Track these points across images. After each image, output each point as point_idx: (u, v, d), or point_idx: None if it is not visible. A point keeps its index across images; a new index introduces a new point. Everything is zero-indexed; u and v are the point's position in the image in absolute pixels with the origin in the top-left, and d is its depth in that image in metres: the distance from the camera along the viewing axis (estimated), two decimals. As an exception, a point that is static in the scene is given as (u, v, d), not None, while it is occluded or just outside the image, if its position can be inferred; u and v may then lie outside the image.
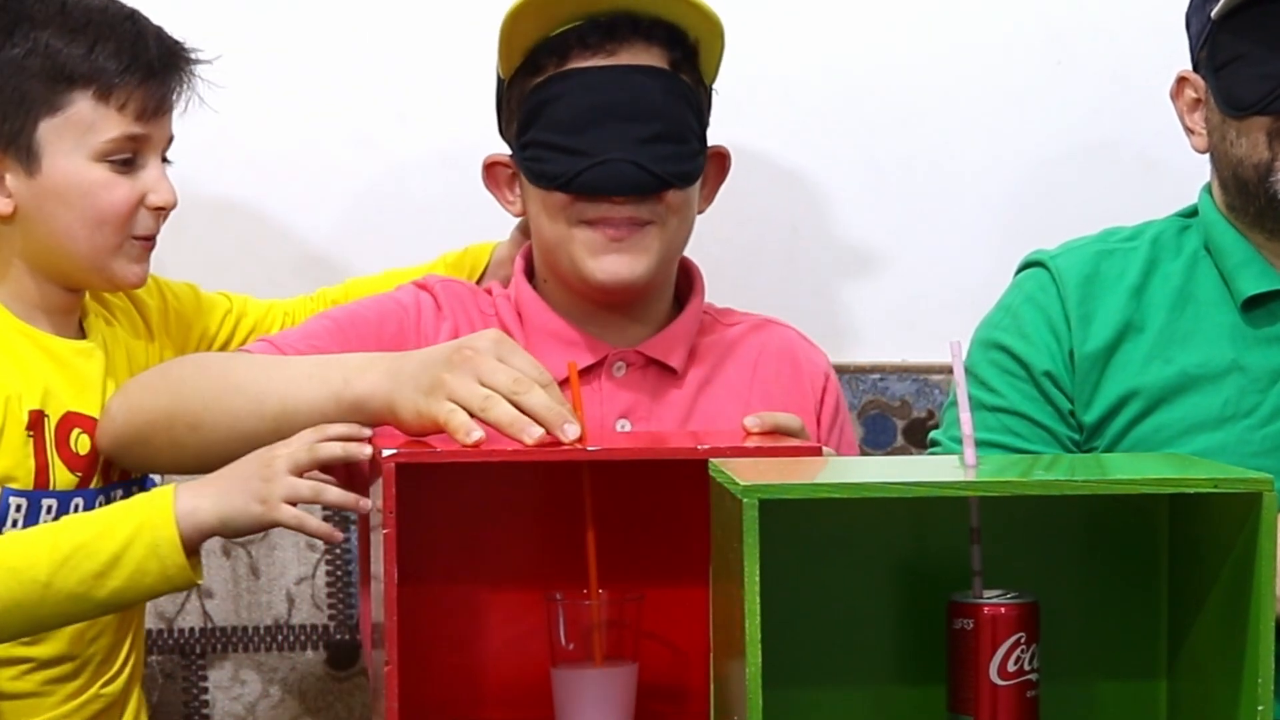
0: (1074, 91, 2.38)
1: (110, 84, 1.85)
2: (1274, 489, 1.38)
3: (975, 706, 1.45)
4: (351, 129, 2.37)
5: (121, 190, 1.87)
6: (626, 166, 1.89)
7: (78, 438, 1.88)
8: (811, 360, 2.06)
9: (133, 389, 1.87)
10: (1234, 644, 1.42)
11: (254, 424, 1.77)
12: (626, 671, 1.67)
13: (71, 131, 1.85)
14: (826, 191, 2.39)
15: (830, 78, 2.38)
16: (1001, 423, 1.99)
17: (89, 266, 1.89)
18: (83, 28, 1.85)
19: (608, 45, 1.91)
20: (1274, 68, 1.89)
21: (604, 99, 1.89)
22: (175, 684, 2.36)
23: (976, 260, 2.35)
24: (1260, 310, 1.97)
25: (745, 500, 1.35)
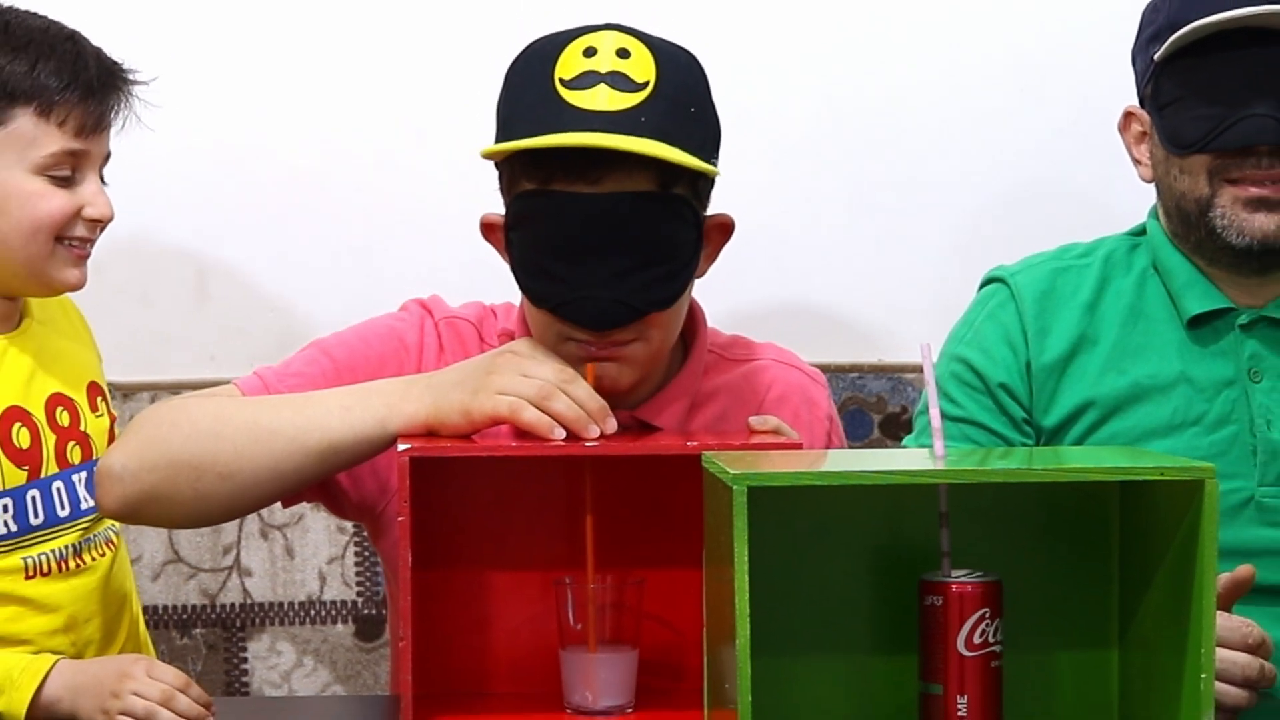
0: (1036, 118, 2.38)
1: (51, 101, 1.82)
2: (1215, 477, 1.38)
3: (944, 675, 1.45)
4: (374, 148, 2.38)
5: (58, 201, 1.83)
6: (604, 303, 1.70)
7: (18, 432, 1.85)
8: (814, 405, 1.94)
9: (134, 448, 1.73)
10: (1179, 618, 1.43)
11: (297, 463, 1.70)
12: (628, 650, 1.67)
13: (13, 145, 1.82)
14: (812, 208, 2.39)
15: (817, 106, 2.38)
16: (961, 431, 1.99)
17: (24, 272, 1.85)
18: (24, 46, 1.83)
19: (591, 173, 1.68)
20: (1212, 110, 1.89)
21: (585, 232, 1.69)
22: (218, 654, 2.37)
23: (945, 271, 2.35)
24: (1205, 328, 1.97)
25: (735, 488, 1.36)
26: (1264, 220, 1.90)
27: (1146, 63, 1.96)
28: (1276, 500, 1.93)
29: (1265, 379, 1.95)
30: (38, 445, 1.86)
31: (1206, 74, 1.90)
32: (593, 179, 1.69)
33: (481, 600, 1.74)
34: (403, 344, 1.85)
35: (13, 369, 1.87)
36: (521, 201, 1.73)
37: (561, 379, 1.63)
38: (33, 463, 1.86)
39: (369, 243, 2.38)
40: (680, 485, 1.65)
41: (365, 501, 1.84)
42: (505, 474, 1.73)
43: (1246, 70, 1.88)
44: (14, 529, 1.84)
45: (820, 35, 2.38)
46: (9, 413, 1.84)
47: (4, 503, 1.83)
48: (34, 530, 1.85)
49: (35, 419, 1.87)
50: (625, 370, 1.76)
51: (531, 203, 1.72)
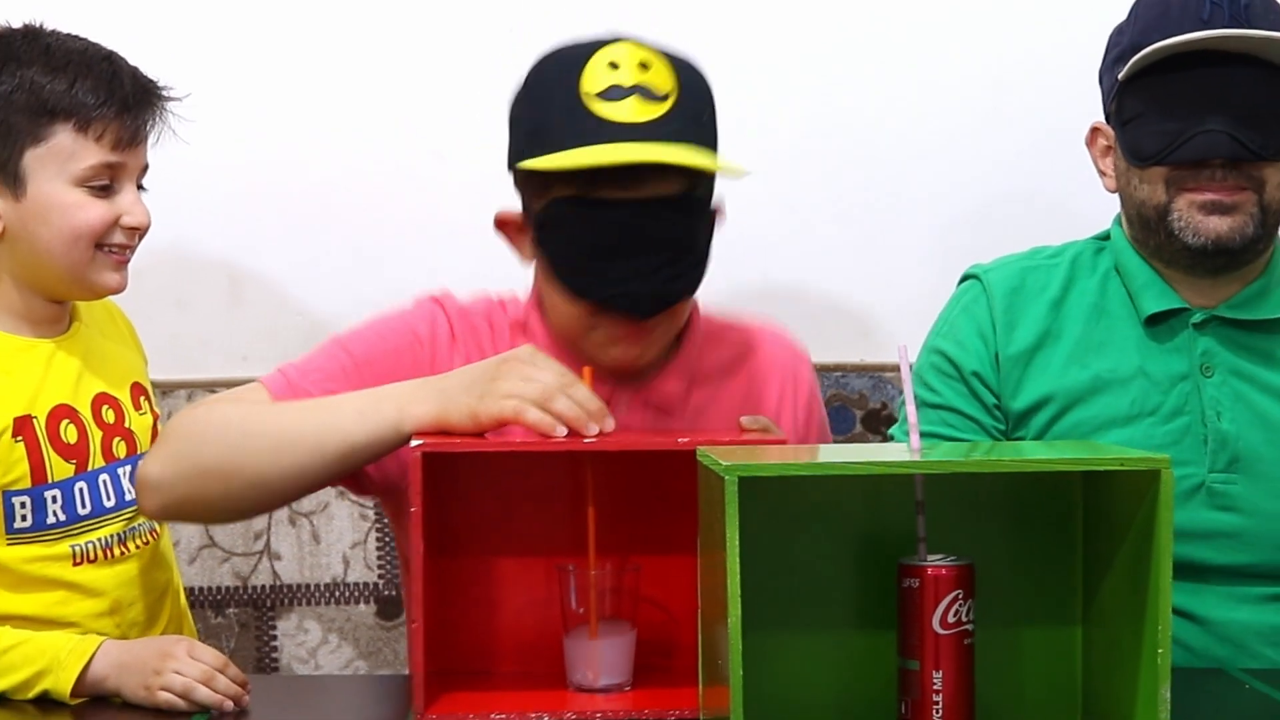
0: (1007, 135, 2.38)
1: (89, 117, 1.80)
2: (1171, 467, 1.38)
3: (921, 652, 1.45)
4: (394, 165, 2.37)
5: (96, 210, 1.82)
6: (643, 296, 1.75)
7: (66, 428, 1.84)
8: (799, 377, 1.97)
9: (169, 457, 1.74)
10: (1138, 597, 1.43)
11: (318, 466, 1.71)
12: (626, 631, 1.67)
13: (54, 159, 1.80)
14: (799, 218, 2.39)
15: (805, 122, 2.38)
16: (940, 416, 1.99)
17: (69, 278, 1.84)
18: (64, 66, 1.81)
19: (631, 183, 1.72)
20: (1170, 125, 1.89)
21: (625, 232, 1.73)
22: (249, 632, 2.37)
23: (923, 277, 2.34)
24: (1161, 326, 1.97)
25: (727, 477, 1.36)
26: (1217, 223, 1.90)
27: (1111, 82, 1.96)
28: (1225, 486, 1.93)
29: (1216, 374, 1.95)
30: (84, 441, 1.85)
31: (1165, 92, 1.90)
32: (634, 187, 1.73)
33: (489, 585, 1.74)
34: (416, 337, 1.85)
35: (61, 370, 1.86)
36: (558, 206, 1.76)
37: (562, 383, 1.63)
38: (80, 457, 1.85)
39: (389, 251, 2.38)
40: (673, 478, 1.66)
41: (388, 481, 1.84)
42: (511, 468, 1.73)
43: (1202, 89, 1.88)
44: (62, 518, 1.83)
45: (810, 58, 2.38)
46: (57, 410, 1.84)
47: (53, 494, 1.82)
48: (81, 520, 1.85)
49: (82, 416, 1.86)
50: (649, 349, 1.83)
51: (569, 207, 1.75)
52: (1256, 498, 1.93)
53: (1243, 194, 1.91)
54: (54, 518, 1.83)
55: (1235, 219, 1.91)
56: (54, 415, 1.83)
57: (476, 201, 2.33)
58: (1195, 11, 1.89)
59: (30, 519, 1.81)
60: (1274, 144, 1.89)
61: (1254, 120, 1.88)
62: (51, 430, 1.83)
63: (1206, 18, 1.88)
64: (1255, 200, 1.91)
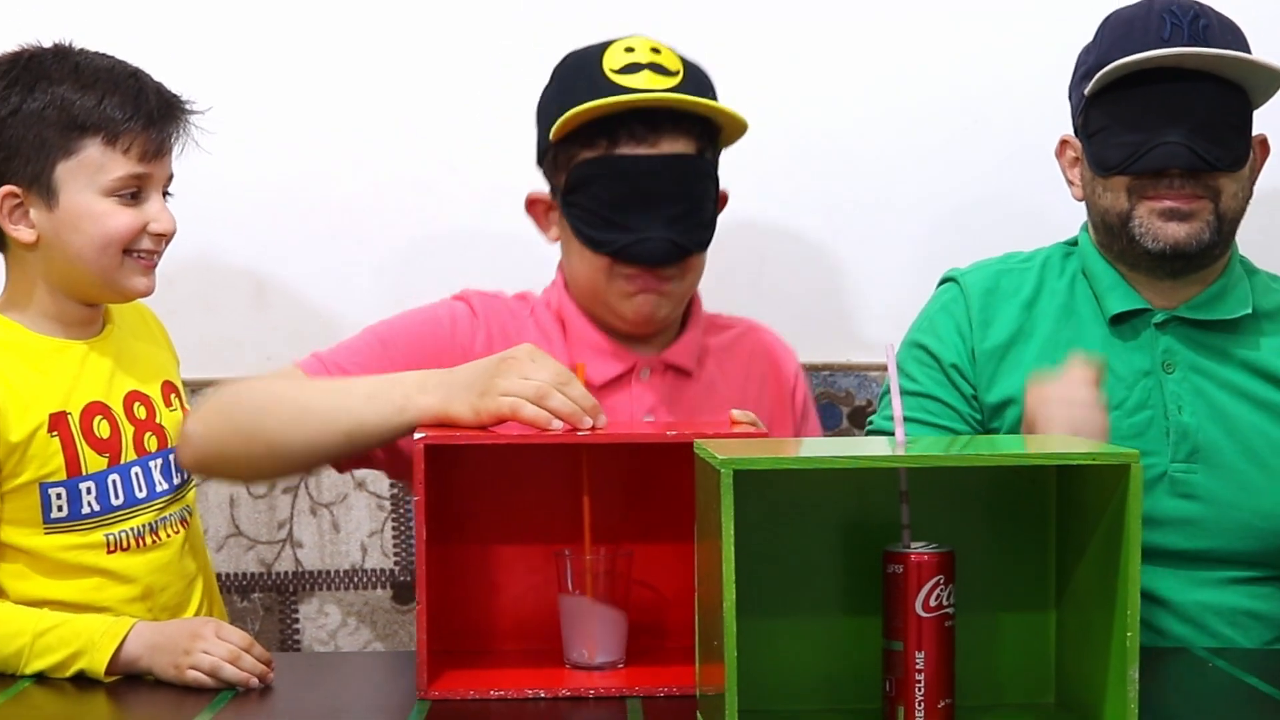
0: (983, 147, 2.38)
1: (117, 131, 1.79)
2: (1140, 461, 1.38)
3: (904, 634, 1.45)
4: (411, 178, 2.37)
5: (125, 218, 1.81)
6: (661, 243, 1.82)
7: (99, 424, 1.83)
8: (787, 363, 2.05)
9: (207, 415, 1.80)
10: (1108, 584, 1.42)
11: (328, 440, 1.74)
12: (619, 613, 1.67)
13: (84, 171, 1.79)
14: (788, 226, 2.39)
15: (795, 137, 2.38)
16: (920, 404, 1.99)
17: (100, 282, 1.83)
18: (93, 83, 1.80)
19: (650, 138, 1.82)
20: (1132, 138, 1.90)
21: (644, 185, 1.82)
22: (273, 615, 2.36)
23: (904, 283, 2.34)
24: (1125, 325, 1.98)
25: (723, 470, 1.36)
26: (1175, 229, 1.91)
27: (1079, 97, 1.97)
28: (1186, 475, 1.93)
29: (1177, 370, 1.96)
30: (117, 436, 1.85)
31: (1128, 107, 1.90)
32: (650, 142, 1.82)
33: (490, 569, 1.74)
34: (438, 322, 1.91)
35: (95, 370, 1.86)
36: (583, 168, 1.84)
37: (558, 380, 1.64)
38: (112, 451, 1.84)
39: (404, 257, 2.38)
40: (663, 469, 1.67)
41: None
42: (511, 459, 1.73)
43: (1162, 104, 1.89)
44: (96, 509, 1.83)
45: (803, 76, 2.38)
46: (90, 407, 1.83)
47: (87, 485, 1.82)
48: (115, 510, 1.84)
49: (115, 413, 1.86)
50: (665, 303, 1.88)
51: (594, 167, 1.83)
52: (1215, 487, 1.93)
53: (1200, 202, 1.91)
54: (88, 508, 1.82)
55: (1193, 225, 1.91)
56: (87, 411, 1.83)
57: (485, 210, 2.34)
58: (1156, 31, 1.89)
59: (66, 509, 1.81)
60: (1229, 156, 1.90)
61: (1210, 133, 1.88)
62: (85, 426, 1.82)
63: (1167, 37, 1.89)
64: (1211, 208, 1.91)
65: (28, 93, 1.79)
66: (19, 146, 1.79)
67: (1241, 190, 1.94)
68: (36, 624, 1.70)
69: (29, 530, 1.80)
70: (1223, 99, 1.89)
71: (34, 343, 1.83)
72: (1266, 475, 1.94)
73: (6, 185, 1.80)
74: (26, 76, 1.80)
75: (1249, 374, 1.97)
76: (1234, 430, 1.95)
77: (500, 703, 1.59)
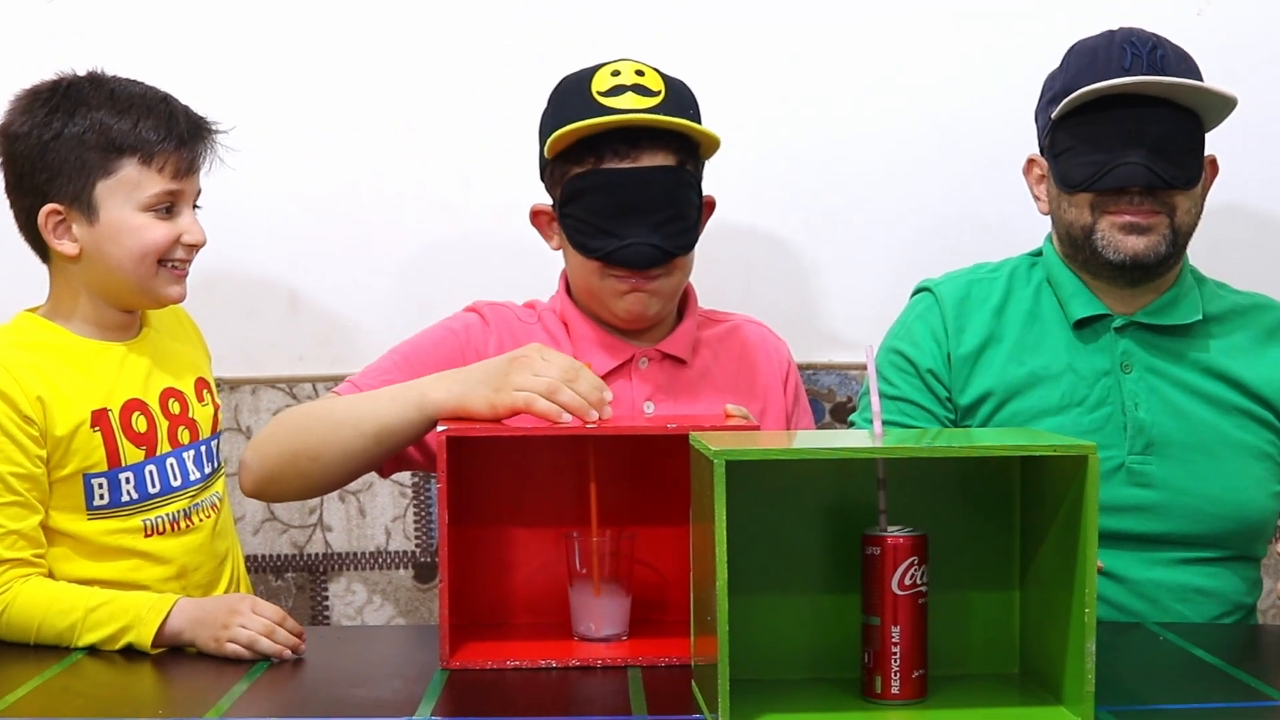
0: (953, 166, 2.38)
1: (152, 151, 1.80)
2: (1097, 453, 1.38)
3: (881, 610, 1.45)
4: (431, 194, 2.37)
5: (160, 231, 1.81)
6: (645, 248, 1.84)
7: (137, 419, 1.84)
8: (779, 352, 2.05)
9: (258, 444, 1.83)
10: (1068, 564, 1.42)
11: (360, 445, 1.75)
12: (622, 590, 1.67)
13: (122, 189, 1.80)
14: (775, 237, 2.39)
15: (781, 157, 2.37)
16: (898, 408, 1.99)
17: (137, 290, 1.83)
18: (128, 108, 1.80)
19: (631, 153, 1.84)
20: (1095, 158, 1.90)
21: (627, 195, 1.84)
22: (305, 593, 2.36)
23: (881, 289, 2.34)
24: (1087, 329, 1.98)
25: (716, 461, 1.36)
26: (1134, 241, 1.91)
27: (1046, 120, 1.97)
28: (1142, 466, 1.93)
29: (1134, 370, 1.95)
30: (153, 430, 1.85)
31: (1092, 129, 1.90)
32: (632, 157, 1.84)
33: (506, 550, 1.74)
34: (452, 332, 1.93)
35: (133, 369, 1.86)
36: (575, 181, 1.86)
37: (566, 376, 1.65)
38: (149, 444, 1.84)
39: (424, 267, 2.37)
40: (663, 459, 1.67)
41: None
42: (525, 449, 1.73)
43: (1123, 127, 1.89)
44: (135, 496, 1.83)
45: (788, 100, 2.37)
46: (129, 404, 1.83)
47: (126, 475, 1.82)
48: (152, 498, 1.84)
49: (151, 409, 1.86)
50: (654, 301, 1.89)
51: (584, 180, 1.85)
52: (1168, 476, 1.93)
53: (1157, 217, 1.91)
54: (128, 496, 1.82)
55: (1150, 238, 1.91)
56: (126, 408, 1.83)
57: (499, 224, 2.34)
58: (1118, 61, 1.89)
59: (107, 497, 1.81)
60: (1184, 175, 1.90)
61: (1167, 154, 1.88)
62: (124, 421, 1.82)
63: (1128, 66, 1.89)
64: (1168, 223, 1.91)
65: (68, 118, 1.79)
66: (61, 168, 1.79)
67: (1194, 206, 1.94)
68: (87, 600, 1.71)
69: (74, 516, 1.80)
70: (1178, 123, 1.89)
71: (77, 345, 1.83)
72: (1216, 465, 1.94)
73: (50, 204, 1.80)
74: (66, 103, 1.80)
75: (1200, 374, 1.97)
76: (1186, 425, 1.95)
77: (515, 672, 1.60)
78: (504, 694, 1.54)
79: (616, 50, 1.98)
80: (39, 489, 1.77)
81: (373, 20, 2.35)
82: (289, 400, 2.34)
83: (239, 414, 2.34)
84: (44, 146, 1.79)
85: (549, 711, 1.47)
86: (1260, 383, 1.97)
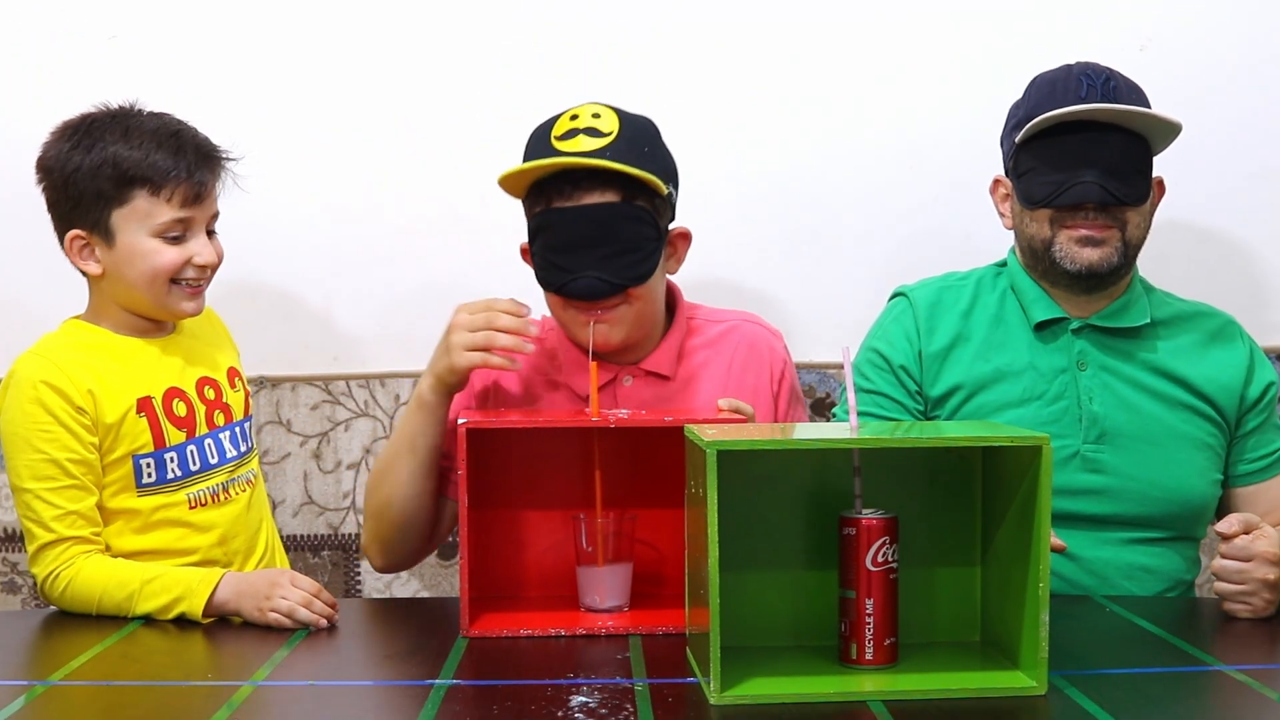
0: (923, 186, 2.37)
1: (161, 182, 1.79)
2: (1050, 444, 1.39)
3: (856, 585, 1.46)
4: (452, 211, 2.37)
5: (170, 255, 1.81)
6: (594, 281, 1.78)
7: (177, 405, 1.85)
8: (773, 351, 1.99)
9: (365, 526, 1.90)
10: (1024, 544, 1.43)
11: (406, 468, 1.83)
12: (625, 566, 1.68)
13: (135, 217, 1.79)
14: (760, 249, 2.38)
15: (765, 177, 2.37)
16: (874, 400, 1.99)
17: (154, 305, 1.84)
18: (139, 143, 1.79)
19: (574, 194, 1.79)
20: (1054, 178, 1.90)
21: (574, 233, 1.78)
22: (339, 569, 2.36)
23: (857, 295, 2.33)
24: (1046, 331, 1.98)
25: (708, 450, 1.37)
26: (1090, 253, 1.91)
27: (1010, 144, 1.98)
28: (1095, 454, 1.94)
29: (1089, 368, 1.96)
30: (192, 414, 1.86)
31: (1051, 152, 1.91)
32: (575, 196, 1.79)
33: (519, 530, 1.75)
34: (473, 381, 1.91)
35: (170, 362, 1.87)
36: (534, 220, 1.83)
37: (488, 311, 1.76)
38: (189, 427, 1.86)
39: (446, 276, 2.36)
40: (661, 449, 1.67)
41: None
42: (537, 440, 1.73)
43: (1079, 150, 1.89)
44: (179, 474, 1.85)
45: (769, 126, 2.37)
46: (170, 391, 1.85)
47: (170, 455, 1.84)
48: (193, 474, 1.86)
49: (189, 395, 1.87)
50: (614, 330, 1.84)
51: (540, 219, 1.82)
52: (1119, 463, 1.94)
53: (1109, 231, 1.91)
54: (172, 474, 1.84)
55: (1103, 250, 1.91)
56: (167, 395, 1.84)
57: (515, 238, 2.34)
58: (1075, 90, 1.90)
59: (154, 475, 1.83)
60: (1134, 193, 1.90)
61: (1119, 174, 1.89)
62: (166, 406, 1.84)
63: (1084, 95, 1.90)
64: (1120, 236, 1.92)
65: (86, 153, 1.79)
66: (81, 198, 1.79)
67: (1144, 221, 1.95)
68: (143, 573, 1.72)
69: (126, 494, 1.82)
70: (1129, 146, 1.90)
71: (118, 343, 1.85)
72: (1162, 455, 1.94)
73: (74, 230, 1.81)
74: (86, 139, 1.80)
75: (1148, 372, 1.97)
76: (1135, 418, 1.95)
77: (528, 639, 1.60)
78: (518, 659, 1.54)
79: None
80: (94, 473, 1.79)
81: (405, 54, 2.34)
82: (325, 396, 2.35)
83: (280, 408, 2.35)
84: (66, 178, 1.80)
85: (558, 674, 1.47)
86: (1203, 381, 1.97)
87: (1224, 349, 1.99)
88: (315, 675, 1.50)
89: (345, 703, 1.41)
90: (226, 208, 1.90)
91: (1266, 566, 1.68)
